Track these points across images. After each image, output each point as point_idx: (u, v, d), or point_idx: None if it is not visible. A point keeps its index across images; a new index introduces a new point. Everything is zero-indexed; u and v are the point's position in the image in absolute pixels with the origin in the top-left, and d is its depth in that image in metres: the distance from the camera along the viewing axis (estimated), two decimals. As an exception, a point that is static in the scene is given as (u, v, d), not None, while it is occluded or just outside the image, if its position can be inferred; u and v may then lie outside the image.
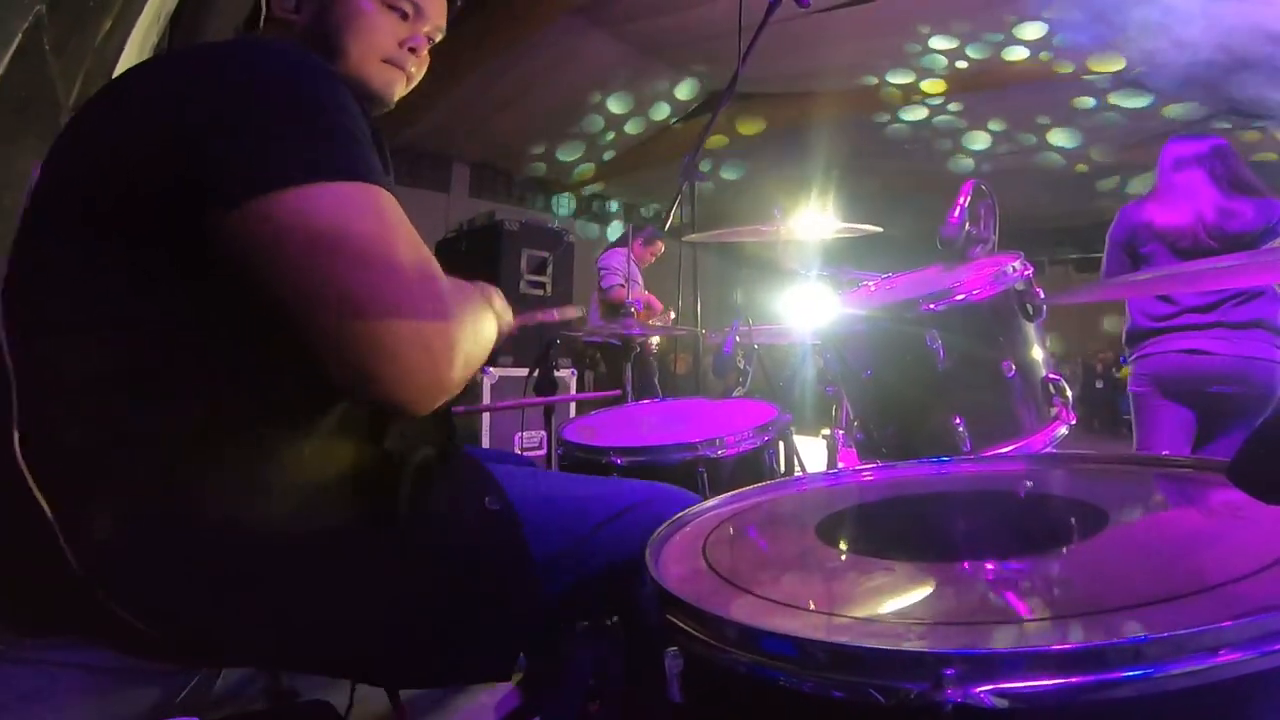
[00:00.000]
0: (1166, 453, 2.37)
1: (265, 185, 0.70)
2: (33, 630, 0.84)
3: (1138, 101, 7.00)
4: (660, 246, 4.90)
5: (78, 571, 0.73)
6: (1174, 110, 7.06)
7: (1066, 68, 6.76)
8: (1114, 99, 7.15)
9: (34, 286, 0.78)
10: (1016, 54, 6.74)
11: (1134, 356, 2.61)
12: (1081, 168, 8.21)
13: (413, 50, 1.00)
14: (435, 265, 0.77)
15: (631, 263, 4.73)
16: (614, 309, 4.45)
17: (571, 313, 1.47)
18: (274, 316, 0.72)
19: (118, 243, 0.75)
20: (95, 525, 0.73)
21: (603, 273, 4.57)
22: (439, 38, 1.04)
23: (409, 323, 0.72)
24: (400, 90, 1.02)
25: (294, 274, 0.70)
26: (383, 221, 0.74)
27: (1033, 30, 6.28)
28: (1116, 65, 6.53)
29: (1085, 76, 6.86)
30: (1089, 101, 7.33)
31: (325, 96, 0.77)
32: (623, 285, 4.49)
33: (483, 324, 0.89)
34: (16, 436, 0.73)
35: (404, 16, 0.98)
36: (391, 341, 0.71)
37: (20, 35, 1.74)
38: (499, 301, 1.00)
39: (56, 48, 1.93)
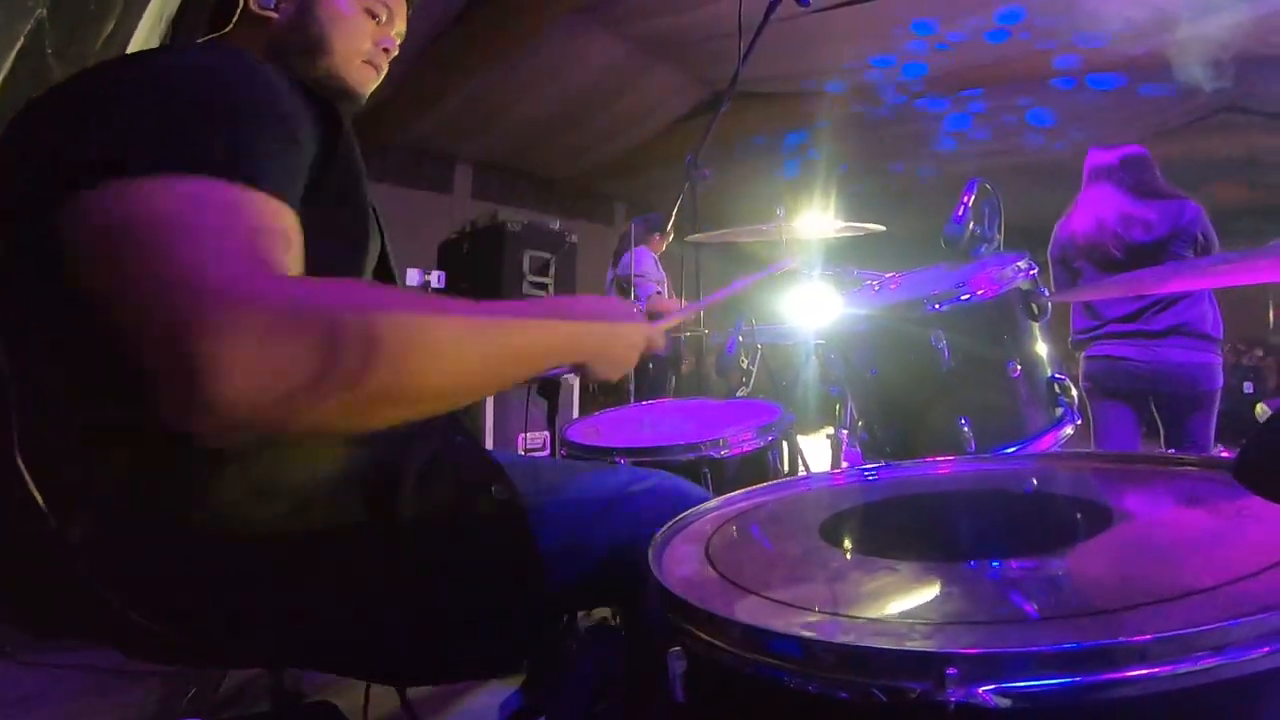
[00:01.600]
0: (1173, 451, 2.39)
1: (83, 178, 0.63)
2: (39, 632, 0.84)
3: (1149, 99, 6.98)
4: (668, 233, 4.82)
5: (83, 572, 0.73)
6: (1187, 106, 7.04)
7: (1075, 64, 6.74)
8: (1124, 96, 7.13)
9: (10, 288, 0.77)
10: (1022, 49, 6.72)
11: (1080, 358, 2.82)
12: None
13: (386, 50, 1.04)
14: (269, 279, 0.62)
15: (657, 265, 4.65)
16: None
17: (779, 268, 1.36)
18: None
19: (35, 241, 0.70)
20: (96, 526, 0.73)
21: (638, 280, 4.28)
22: (399, 41, 1.08)
23: (175, 330, 0.56)
24: (372, 88, 1.05)
25: (85, 270, 0.63)
26: (193, 219, 0.62)
27: (1042, 26, 6.26)
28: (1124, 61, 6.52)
29: (1092, 73, 6.84)
30: (1096, 99, 7.32)
31: (220, 90, 0.72)
32: (660, 292, 4.43)
33: (411, 339, 0.65)
34: (16, 437, 0.73)
35: (377, 20, 1.02)
36: (155, 346, 0.58)
37: (23, 38, 1.75)
38: (561, 322, 0.86)
39: (59, 51, 1.93)
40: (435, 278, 3.98)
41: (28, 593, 0.82)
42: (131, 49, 2.37)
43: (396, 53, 1.07)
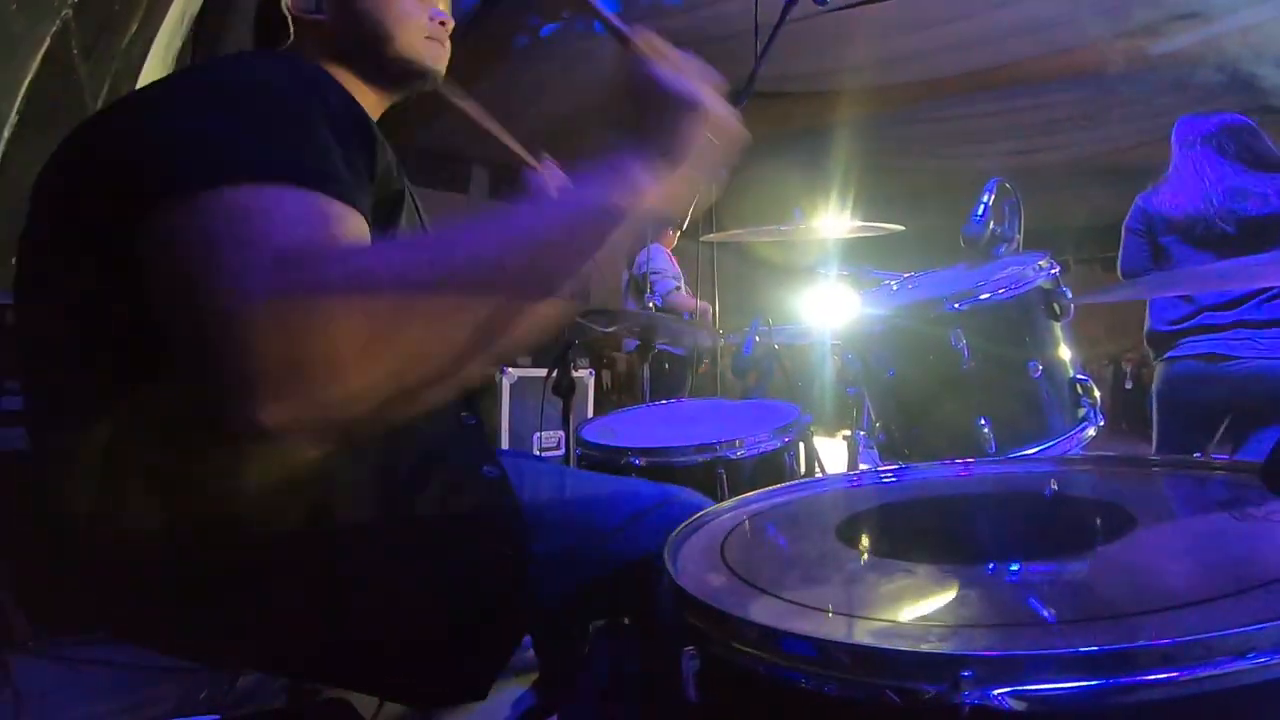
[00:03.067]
0: (1198, 455, 2.31)
1: (159, 190, 0.63)
2: (60, 627, 0.86)
3: (1171, 97, 6.89)
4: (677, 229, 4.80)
5: (99, 569, 0.74)
6: (1210, 105, 6.95)
7: (1094, 62, 6.67)
8: (1144, 93, 7.04)
9: (26, 284, 0.79)
10: (1042, 48, 6.65)
11: (1156, 361, 2.46)
12: (1109, 164, 8.11)
13: (442, 23, 1.01)
14: (326, 258, 0.61)
15: (672, 260, 4.64)
16: (677, 315, 4.30)
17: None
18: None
19: (79, 245, 0.72)
20: (93, 530, 0.74)
21: (655, 279, 4.22)
22: (448, 10, 1.05)
23: (270, 333, 0.56)
24: (444, 64, 1.03)
25: (162, 281, 0.64)
26: (249, 228, 0.60)
27: (1059, 24, 6.19)
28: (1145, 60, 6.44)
29: (1113, 71, 6.76)
30: (1117, 96, 7.23)
31: (274, 92, 0.72)
32: (679, 288, 4.41)
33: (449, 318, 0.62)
34: (35, 439, 0.75)
35: None
36: (233, 355, 0.57)
37: (49, 39, 1.77)
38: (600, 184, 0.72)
39: (84, 51, 1.96)
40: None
41: (54, 588, 0.83)
42: (155, 48, 2.40)
43: (451, 22, 1.04)
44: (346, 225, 0.64)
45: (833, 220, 2.36)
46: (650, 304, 2.56)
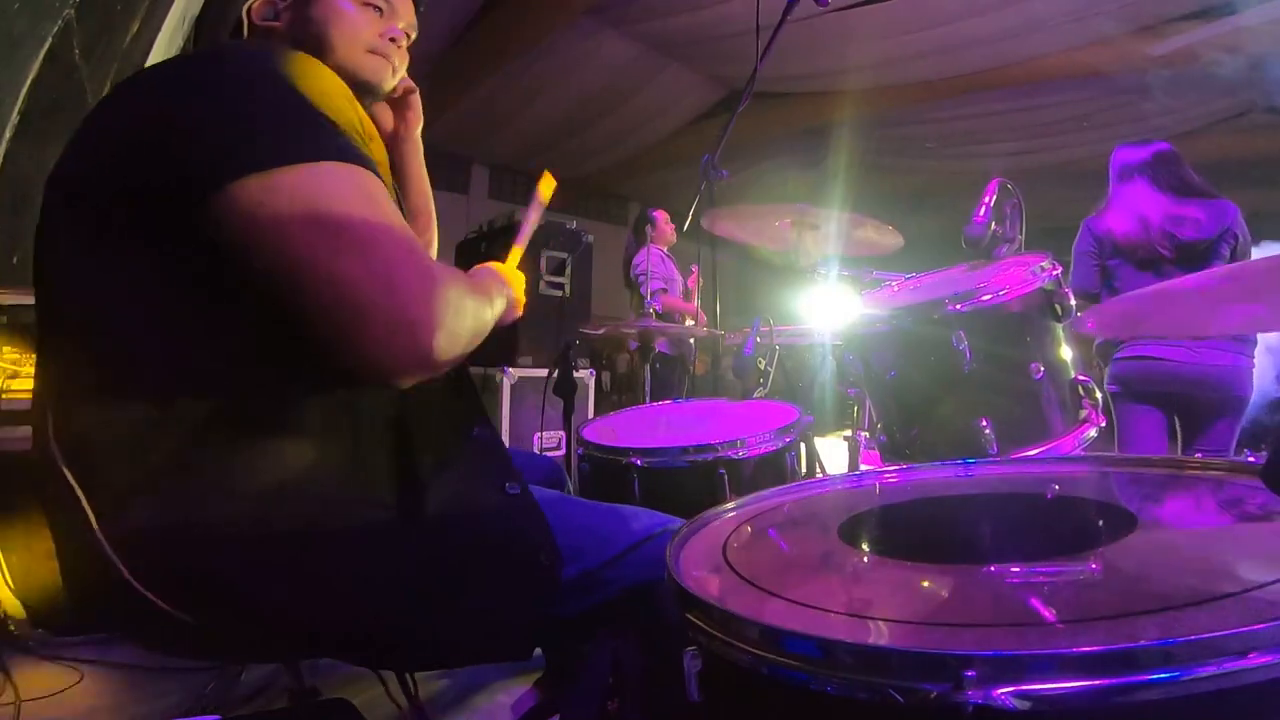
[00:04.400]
0: (1199, 455, 2.34)
1: (242, 168, 0.72)
2: (65, 628, 0.86)
3: (1171, 97, 6.89)
4: (667, 222, 4.82)
5: (113, 561, 0.75)
6: (1211, 108, 6.95)
7: (1094, 62, 6.67)
8: (1144, 93, 7.04)
9: (52, 275, 0.82)
10: (1042, 48, 6.65)
11: (1105, 366, 2.72)
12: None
13: (392, 40, 1.08)
14: (416, 241, 0.79)
15: (664, 261, 4.66)
16: (670, 316, 4.34)
17: (542, 194, 1.45)
18: (263, 294, 0.74)
19: (121, 237, 0.78)
20: (126, 514, 0.76)
21: (641, 280, 4.37)
22: (413, 35, 1.12)
23: (381, 291, 0.73)
24: (389, 78, 1.09)
25: (273, 246, 0.73)
26: (364, 196, 0.76)
27: (1059, 24, 6.19)
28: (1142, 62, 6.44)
29: (1113, 71, 6.76)
30: (1117, 96, 7.23)
31: (288, 91, 0.80)
32: (665, 290, 4.45)
33: (479, 303, 0.88)
34: (51, 423, 0.77)
35: (379, 12, 1.07)
36: (363, 309, 0.72)
37: (51, 39, 1.77)
38: (497, 285, 1.06)
39: (85, 51, 1.96)
40: (453, 277, 3.99)
41: (64, 585, 0.84)
42: (157, 49, 2.40)
43: (407, 42, 1.11)
44: (387, 195, 0.79)
45: (833, 229, 2.35)
46: (650, 309, 2.56)
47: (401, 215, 0.80)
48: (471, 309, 0.85)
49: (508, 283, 1.12)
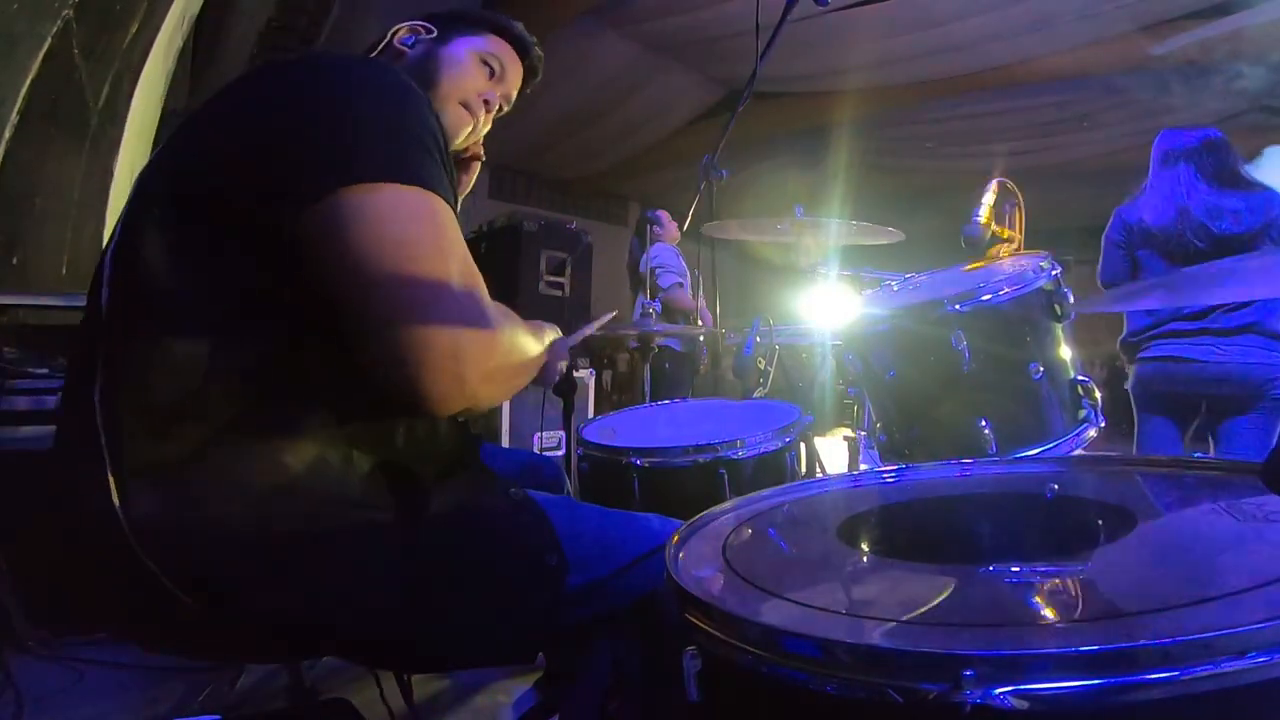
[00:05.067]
0: (1199, 454, 2.32)
1: (336, 181, 0.75)
2: (63, 628, 0.87)
3: (1171, 97, 6.89)
4: (671, 222, 4.82)
5: (128, 537, 0.76)
6: (1210, 105, 6.94)
7: (1094, 62, 6.67)
8: (1144, 93, 7.04)
9: (133, 270, 0.83)
10: (1042, 48, 6.65)
11: (1129, 365, 2.60)
12: (1109, 164, 8.10)
13: (486, 103, 1.14)
14: (479, 279, 0.82)
15: (679, 257, 4.64)
16: (675, 313, 4.27)
17: (606, 318, 1.54)
18: (329, 309, 0.76)
19: (206, 233, 0.81)
20: (148, 493, 0.77)
21: (659, 272, 4.36)
22: (507, 108, 1.19)
23: (445, 331, 0.76)
24: (464, 136, 1.14)
25: (349, 268, 0.74)
26: (439, 231, 0.79)
27: (1059, 24, 6.19)
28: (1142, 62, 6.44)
29: (1113, 71, 6.76)
30: (1117, 96, 7.23)
31: (409, 108, 0.83)
32: (682, 284, 4.42)
33: (522, 346, 0.92)
34: (98, 396, 0.78)
35: (490, 75, 1.14)
36: (426, 346, 0.74)
37: (50, 39, 1.78)
38: (551, 334, 1.11)
39: (85, 51, 1.96)
40: (453, 277, 3.99)
41: (70, 580, 0.84)
42: (156, 49, 2.40)
43: (496, 112, 1.17)
44: (460, 232, 0.82)
45: (833, 220, 2.36)
46: (650, 309, 2.55)
47: (468, 251, 0.82)
48: (524, 356, 0.91)
49: (557, 350, 1.17)
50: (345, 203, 0.74)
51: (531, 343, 0.95)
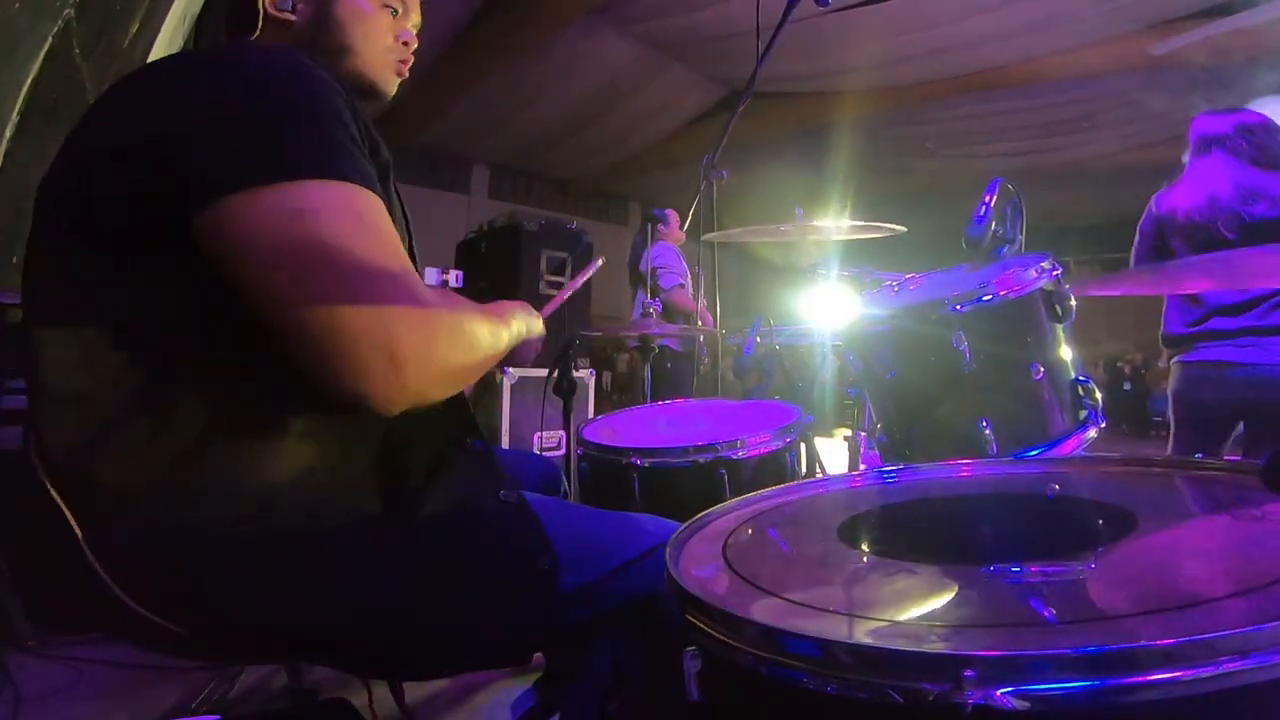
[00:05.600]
0: (1199, 455, 2.29)
1: (238, 184, 0.70)
2: (62, 628, 0.86)
3: (1171, 97, 6.89)
4: (677, 220, 4.82)
5: (96, 569, 0.74)
6: (1208, 105, 6.94)
7: (1094, 62, 6.67)
8: (1145, 94, 7.04)
9: (41, 284, 0.80)
10: (1042, 48, 6.65)
11: (1172, 361, 2.40)
12: (1110, 164, 8.10)
13: (405, 44, 1.05)
14: (411, 273, 0.76)
15: (680, 257, 4.65)
16: (676, 314, 4.27)
17: (592, 269, 1.47)
18: (252, 312, 0.72)
19: (113, 240, 0.77)
20: (109, 524, 0.75)
21: (660, 272, 4.35)
22: (416, 33, 1.09)
23: (372, 323, 0.71)
24: (395, 84, 1.06)
25: (264, 270, 0.71)
26: (356, 221, 0.74)
27: (1059, 24, 6.19)
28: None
29: (1113, 71, 6.76)
30: (1117, 97, 7.23)
31: (309, 97, 0.77)
32: (683, 285, 4.42)
33: (472, 333, 0.84)
34: (34, 435, 0.76)
35: (394, 13, 1.04)
36: (352, 341, 0.70)
37: (50, 39, 1.77)
38: (520, 314, 1.04)
39: (85, 50, 1.96)
40: (453, 277, 4.00)
41: (54, 590, 0.83)
42: (157, 48, 2.40)
43: (415, 44, 1.08)
44: (386, 218, 0.78)
45: (833, 222, 2.35)
46: (650, 309, 2.55)
47: (399, 241, 0.77)
48: (473, 338, 0.83)
49: (530, 315, 1.11)
50: (256, 205, 0.70)
51: (487, 328, 0.87)
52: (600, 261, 1.57)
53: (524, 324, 1.05)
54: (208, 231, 0.71)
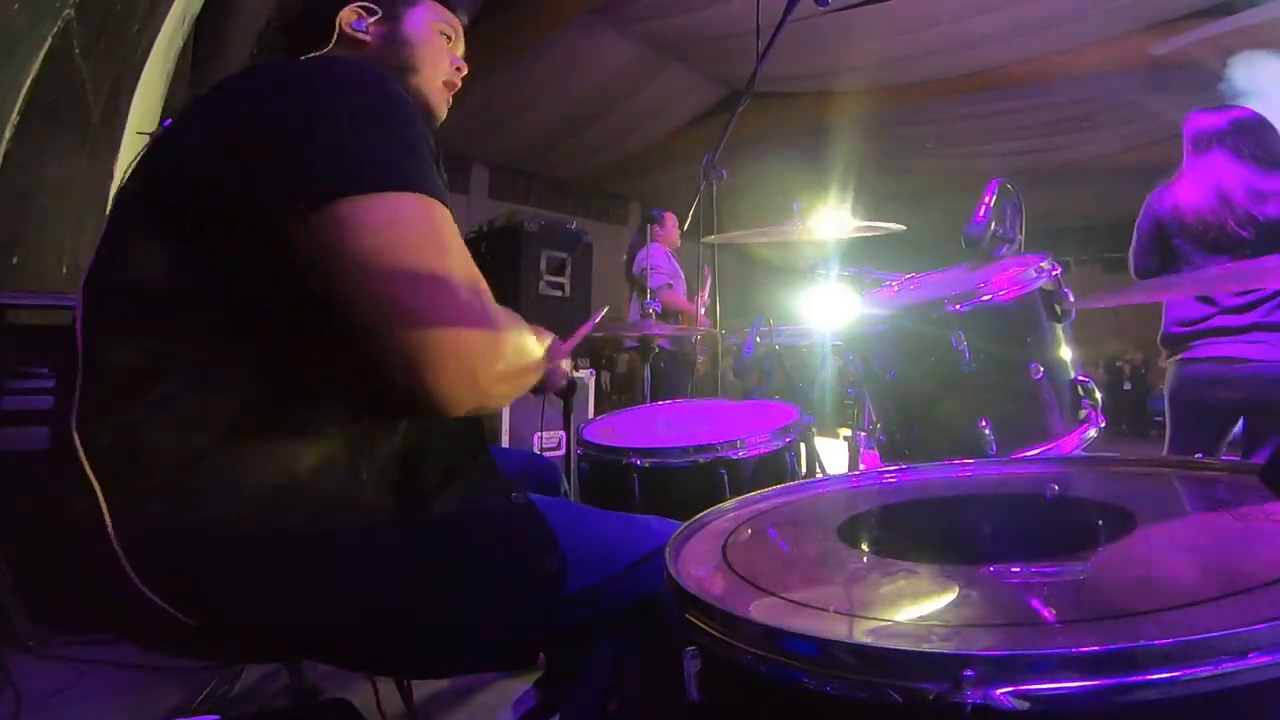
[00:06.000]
0: (1199, 455, 2.30)
1: (335, 193, 0.74)
2: (62, 628, 0.86)
3: (1171, 97, 6.89)
4: (674, 222, 4.86)
5: (120, 559, 0.75)
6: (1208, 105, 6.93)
7: (1094, 62, 6.67)
8: (1144, 94, 7.04)
9: (111, 283, 0.82)
10: (1042, 48, 6.65)
11: (1169, 361, 2.40)
12: (1110, 164, 8.10)
13: (458, 70, 1.11)
14: (483, 282, 0.81)
15: (671, 258, 4.70)
16: (668, 313, 4.36)
17: (599, 315, 1.51)
18: (330, 318, 0.75)
19: (192, 245, 0.80)
20: (141, 511, 0.76)
21: (651, 273, 4.39)
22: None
23: (452, 332, 0.76)
24: (446, 108, 1.12)
25: (353, 278, 0.74)
26: (439, 235, 0.78)
27: (1059, 24, 6.19)
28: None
29: (1113, 71, 6.76)
30: (1117, 97, 7.23)
31: (399, 113, 0.82)
32: (670, 285, 4.47)
33: (528, 347, 0.91)
34: (75, 420, 0.77)
35: (448, 39, 1.10)
36: (434, 348, 0.74)
37: (50, 39, 1.77)
38: (547, 338, 1.08)
39: (85, 51, 1.96)
40: (453, 277, 4.00)
41: (65, 587, 0.84)
42: (157, 49, 2.40)
43: (465, 72, 1.13)
44: (457, 231, 0.82)
45: (833, 220, 2.36)
46: (650, 310, 2.56)
47: (469, 253, 0.81)
48: (529, 354, 0.90)
49: (557, 353, 1.15)
50: (343, 214, 0.74)
51: (535, 344, 0.94)
52: (605, 309, 1.64)
53: (553, 353, 1.09)
54: (302, 236, 0.74)
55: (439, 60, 1.08)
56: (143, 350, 0.79)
